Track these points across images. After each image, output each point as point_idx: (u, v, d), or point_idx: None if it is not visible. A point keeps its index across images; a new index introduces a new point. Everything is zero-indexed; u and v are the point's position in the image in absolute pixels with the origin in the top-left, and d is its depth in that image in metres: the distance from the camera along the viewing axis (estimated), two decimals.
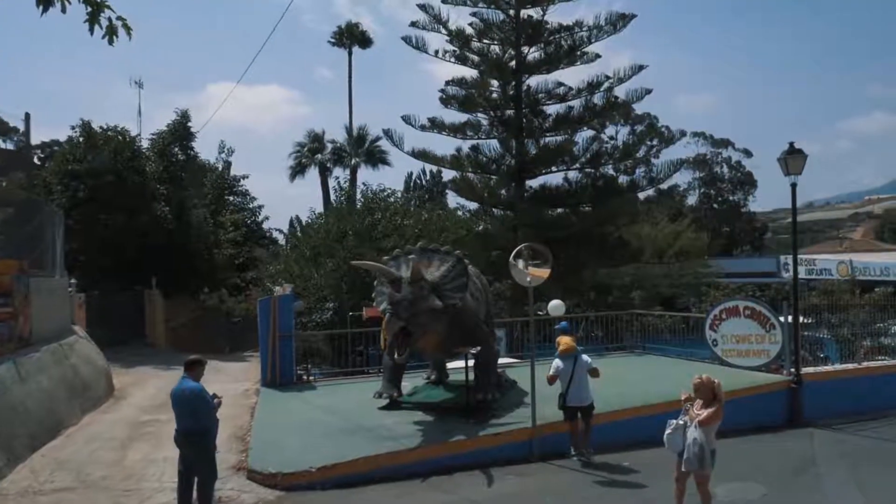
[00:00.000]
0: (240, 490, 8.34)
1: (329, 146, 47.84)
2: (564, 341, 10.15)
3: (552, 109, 24.57)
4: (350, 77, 48.88)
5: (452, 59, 24.58)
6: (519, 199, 23.28)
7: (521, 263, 10.20)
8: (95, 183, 22.25)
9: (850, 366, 14.62)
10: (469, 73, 24.32)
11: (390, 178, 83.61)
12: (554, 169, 24.33)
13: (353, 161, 45.89)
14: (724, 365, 14.28)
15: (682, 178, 67.23)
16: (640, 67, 23.85)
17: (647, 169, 24.73)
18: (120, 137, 23.22)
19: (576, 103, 24.12)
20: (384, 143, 48.18)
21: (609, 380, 13.57)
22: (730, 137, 69.87)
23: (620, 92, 24.13)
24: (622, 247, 22.89)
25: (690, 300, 27.52)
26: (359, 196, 30.36)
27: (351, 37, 48.74)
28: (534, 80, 24.59)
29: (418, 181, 54.64)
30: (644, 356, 17.13)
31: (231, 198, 36.66)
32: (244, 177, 35.22)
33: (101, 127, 23.56)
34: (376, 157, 47.42)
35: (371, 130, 47.78)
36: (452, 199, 28.93)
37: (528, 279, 10.13)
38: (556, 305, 18.25)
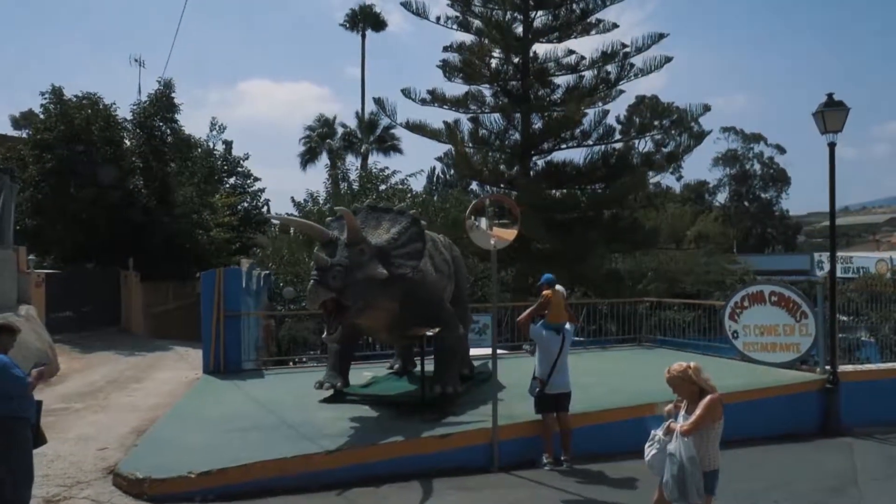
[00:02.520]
0: (94, 500, 6.41)
1: (340, 131, 46.13)
2: (556, 302, 8.03)
3: (562, 81, 22.46)
4: (363, 60, 47.21)
5: (455, 27, 22.57)
6: (522, 176, 21.16)
7: (483, 222, 8.12)
8: (65, 153, 20.60)
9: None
10: (472, 40, 22.27)
11: (403, 167, 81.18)
12: (563, 146, 22.20)
13: (363, 147, 44.04)
14: (746, 361, 12.13)
15: (711, 175, 64.49)
16: (661, 35, 21.61)
17: (664, 143, 22.41)
18: (93, 105, 21.48)
19: (588, 74, 22.00)
20: (397, 130, 46.47)
21: (606, 374, 11.56)
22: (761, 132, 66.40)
23: (638, 63, 21.88)
24: (634, 229, 20.65)
25: (714, 295, 25.17)
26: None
27: (364, 18, 46.96)
28: (542, 49, 22.52)
29: (441, 175, 52.57)
30: (655, 350, 14.98)
31: (232, 179, 35.05)
32: (245, 157, 33.57)
33: (75, 96, 21.88)
34: (388, 145, 45.62)
35: (383, 117, 45.96)
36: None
37: (493, 241, 8.04)
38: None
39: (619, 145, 22.12)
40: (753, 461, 8.38)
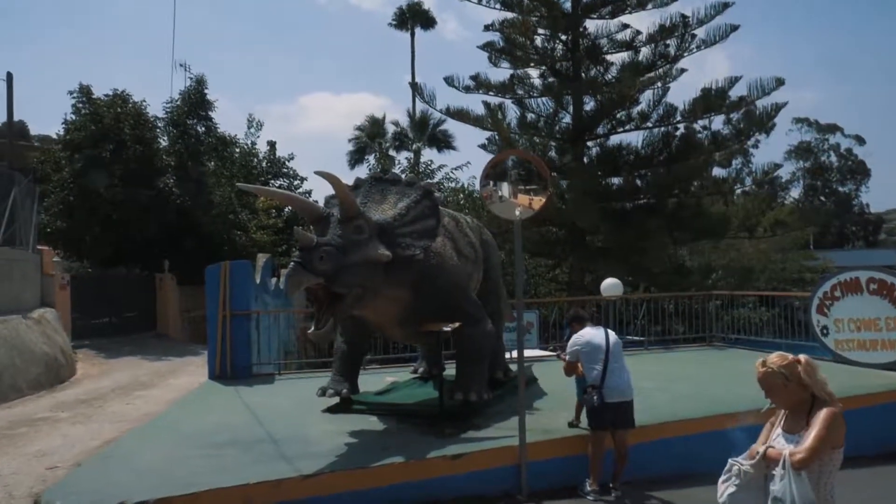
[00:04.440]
0: None
1: (391, 130, 44.95)
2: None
3: (615, 59, 20.54)
4: (413, 59, 46.04)
5: (498, 5, 20.91)
6: (574, 162, 19.32)
7: (504, 189, 6.46)
8: (93, 153, 19.84)
9: None
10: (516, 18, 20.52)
11: (457, 163, 79.47)
12: (619, 129, 20.25)
13: (414, 145, 42.74)
14: (840, 362, 10.15)
15: (783, 170, 60.85)
16: (725, 5, 19.46)
17: (732, 122, 20.19)
18: (123, 102, 20.68)
19: (645, 50, 20.03)
20: (449, 127, 45.07)
21: (669, 378, 9.78)
22: (838, 123, 62.42)
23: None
24: (701, 216, 18.55)
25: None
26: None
27: (413, 16, 45.82)
28: (592, 26, 20.66)
29: None
30: (728, 350, 13.03)
31: (279, 181, 34.21)
32: (290, 157, 32.61)
33: (105, 94, 21.14)
34: (440, 141, 44.26)
35: (434, 114, 44.76)
36: None
37: (518, 210, 6.39)
38: (611, 284, 14.34)
39: (681, 128, 20.08)
40: (850, 488, 6.50)
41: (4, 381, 11.09)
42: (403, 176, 7.76)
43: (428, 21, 46.53)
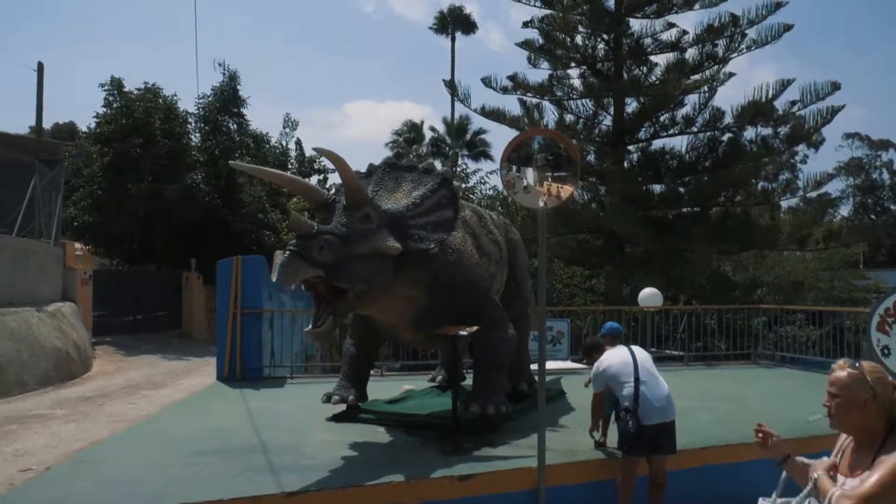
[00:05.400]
0: None
1: (428, 136, 44.51)
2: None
3: (660, 59, 19.60)
4: (453, 63, 45.62)
5: (538, 3, 20.15)
6: (615, 166, 18.39)
7: (530, 174, 5.68)
8: (123, 147, 19.58)
9: None
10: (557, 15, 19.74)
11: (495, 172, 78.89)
12: (662, 133, 19.28)
13: (451, 152, 42.19)
14: None
15: (833, 186, 58.76)
16: (778, 5, 18.41)
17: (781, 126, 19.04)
18: (154, 96, 20.41)
19: (691, 51, 19.06)
20: (486, 135, 44.45)
21: (711, 397, 8.88)
22: (892, 139, 60.15)
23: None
24: (747, 225, 17.44)
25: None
26: None
27: (454, 21, 45.36)
28: (636, 24, 19.76)
29: None
30: (775, 370, 12.05)
31: (314, 179, 33.84)
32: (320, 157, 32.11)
33: (137, 88, 20.92)
34: (478, 150, 43.69)
35: (472, 122, 44.26)
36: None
37: (542, 200, 5.61)
38: (650, 294, 13.42)
39: (728, 133, 19.02)
40: None
41: (8, 376, 10.67)
42: (420, 163, 7.02)
43: (469, 26, 46.11)
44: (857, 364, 2.52)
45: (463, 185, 25.29)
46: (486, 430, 6.66)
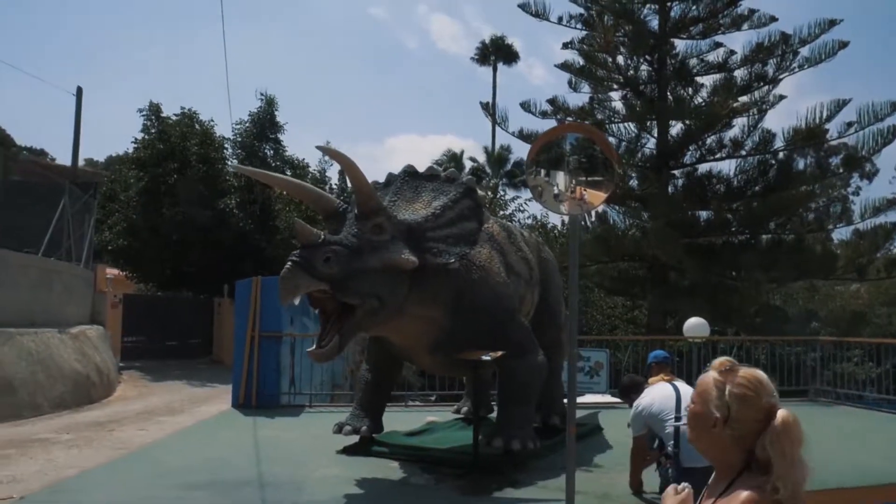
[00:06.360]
0: None
1: (468, 165, 44.06)
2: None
3: (706, 80, 18.84)
4: (494, 93, 45.26)
5: (579, 26, 19.67)
6: (659, 191, 17.59)
7: (560, 178, 5.01)
8: (158, 172, 19.52)
9: None
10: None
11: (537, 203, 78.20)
12: (709, 157, 18.44)
13: (491, 182, 41.71)
14: None
15: (889, 217, 56.45)
16: (832, 22, 17.55)
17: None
18: (190, 121, 20.38)
19: (740, 72, 18.27)
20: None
21: None
22: None
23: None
24: (801, 252, 16.39)
25: None
26: None
27: (496, 51, 45.22)
28: (681, 45, 19.10)
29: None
30: (834, 408, 11.07)
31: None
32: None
33: (174, 113, 20.94)
34: (518, 179, 43.07)
35: (515, 151, 43.77)
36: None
37: (578, 205, 4.92)
38: (696, 324, 12.55)
39: (779, 156, 18.09)
40: None
41: (20, 397, 10.31)
42: (443, 171, 6.45)
43: (510, 56, 45.89)
44: (729, 369, 1.79)
45: (500, 213, 24.73)
46: (510, 468, 5.99)
